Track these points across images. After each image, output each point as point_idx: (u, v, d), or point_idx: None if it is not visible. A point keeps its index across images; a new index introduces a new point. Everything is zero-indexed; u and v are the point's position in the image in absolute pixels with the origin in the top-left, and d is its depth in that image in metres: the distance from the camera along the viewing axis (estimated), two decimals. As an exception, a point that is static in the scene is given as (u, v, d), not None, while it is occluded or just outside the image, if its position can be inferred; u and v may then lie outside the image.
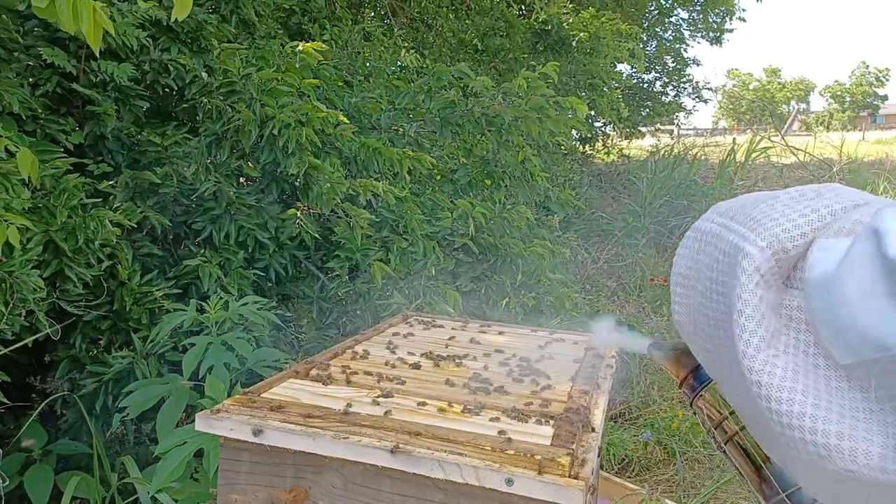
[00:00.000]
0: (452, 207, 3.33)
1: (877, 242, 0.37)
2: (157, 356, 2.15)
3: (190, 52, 2.63)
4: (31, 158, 1.71)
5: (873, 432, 0.37)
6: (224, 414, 0.99)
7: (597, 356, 1.41)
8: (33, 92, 2.20)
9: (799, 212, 0.44)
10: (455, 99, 3.55)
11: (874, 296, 0.37)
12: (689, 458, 3.16)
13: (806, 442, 0.39)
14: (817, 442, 0.38)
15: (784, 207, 0.45)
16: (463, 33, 6.72)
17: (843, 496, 0.41)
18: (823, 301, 0.40)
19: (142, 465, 2.02)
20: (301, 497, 0.96)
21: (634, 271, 5.71)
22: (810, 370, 0.41)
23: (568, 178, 7.35)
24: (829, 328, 0.40)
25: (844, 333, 0.39)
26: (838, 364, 0.39)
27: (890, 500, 0.38)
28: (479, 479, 0.85)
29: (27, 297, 1.79)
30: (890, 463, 0.36)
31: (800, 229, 0.43)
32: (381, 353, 1.39)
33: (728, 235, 0.46)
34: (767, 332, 0.42)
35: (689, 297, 0.51)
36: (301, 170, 2.55)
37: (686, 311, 0.52)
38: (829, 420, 0.38)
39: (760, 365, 0.41)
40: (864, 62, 67.89)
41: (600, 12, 7.76)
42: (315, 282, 2.88)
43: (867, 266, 0.37)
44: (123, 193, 2.36)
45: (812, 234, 0.43)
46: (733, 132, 18.59)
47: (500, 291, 3.33)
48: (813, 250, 0.42)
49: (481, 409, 1.06)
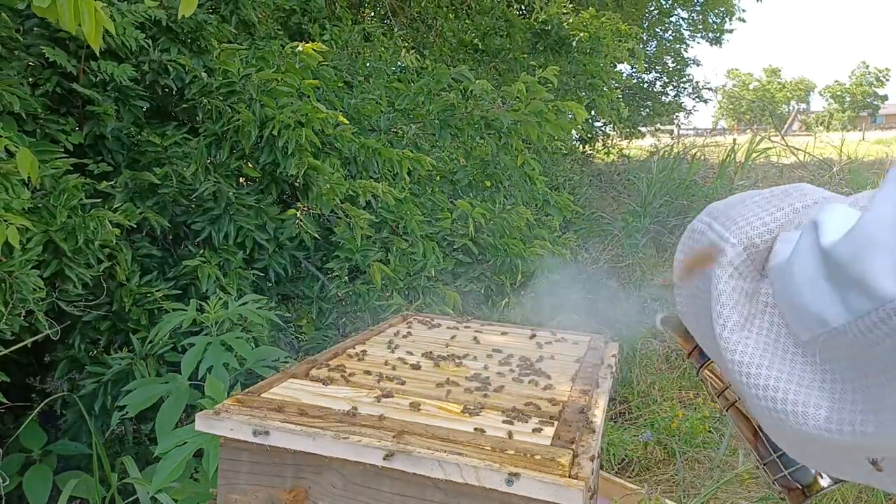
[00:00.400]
0: (452, 208, 3.33)
1: (816, 233, 0.44)
2: (157, 356, 2.15)
3: (190, 53, 2.63)
4: (31, 158, 1.71)
5: (823, 398, 0.44)
6: (224, 414, 0.99)
7: (597, 356, 1.41)
8: (33, 91, 2.20)
9: (767, 210, 0.51)
10: (454, 101, 3.56)
11: (815, 279, 0.43)
12: (689, 458, 3.15)
13: (770, 409, 0.46)
14: (778, 409, 0.45)
15: (756, 207, 0.52)
16: (463, 33, 6.72)
17: (807, 452, 0.49)
18: (781, 286, 0.47)
19: (141, 465, 2.02)
20: (301, 497, 0.96)
21: (634, 271, 5.70)
22: (778, 349, 0.47)
23: (568, 179, 7.35)
24: (787, 309, 0.47)
25: (798, 313, 0.46)
26: (800, 342, 0.46)
27: (838, 453, 0.46)
28: (479, 479, 0.85)
29: (27, 298, 1.79)
30: (834, 424, 0.43)
31: (767, 226, 0.50)
32: (381, 353, 1.39)
33: (710, 234, 0.53)
34: (741, 316, 0.49)
35: (685, 289, 0.58)
36: (301, 170, 2.55)
37: (684, 302, 0.59)
38: (788, 391, 0.45)
39: (734, 345, 0.49)
40: (864, 62, 67.93)
41: (600, 12, 7.76)
42: (315, 282, 2.88)
43: (808, 254, 0.44)
44: (123, 194, 2.36)
45: (777, 230, 0.49)
46: (733, 132, 18.60)
47: (499, 292, 3.33)
48: (776, 243, 0.49)
49: (481, 409, 1.06)
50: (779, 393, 0.45)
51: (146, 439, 2.37)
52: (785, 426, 0.45)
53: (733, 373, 0.48)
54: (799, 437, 0.45)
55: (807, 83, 57.40)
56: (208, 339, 1.77)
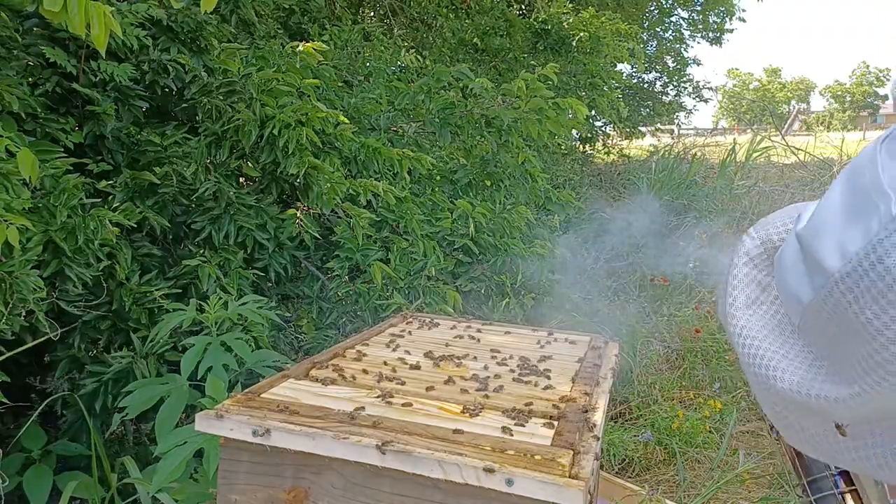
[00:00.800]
0: (452, 208, 3.33)
1: (797, 223, 0.52)
2: (157, 356, 2.15)
3: (190, 52, 2.63)
4: (32, 159, 1.71)
5: (800, 368, 0.52)
6: (224, 414, 0.99)
7: (597, 356, 1.41)
8: (33, 91, 2.20)
9: (790, 214, 0.59)
10: (454, 100, 3.55)
11: (796, 263, 0.51)
12: (690, 458, 3.15)
13: (757, 374, 0.55)
14: (763, 373, 0.55)
15: (783, 212, 0.61)
16: (463, 33, 6.71)
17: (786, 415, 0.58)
18: (777, 274, 0.56)
19: (141, 465, 2.02)
20: (301, 497, 0.96)
21: (634, 271, 5.70)
22: (776, 331, 0.57)
23: (568, 179, 7.34)
24: (782, 296, 0.55)
25: (786, 297, 0.54)
26: (795, 328, 0.54)
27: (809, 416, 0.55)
28: (479, 479, 0.85)
29: (27, 297, 1.79)
30: (804, 388, 0.51)
31: (785, 226, 0.59)
32: (381, 353, 1.39)
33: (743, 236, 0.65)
34: (749, 298, 0.59)
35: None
36: (301, 170, 2.55)
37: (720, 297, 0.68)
38: (772, 359, 0.55)
39: (738, 320, 0.59)
40: (864, 62, 67.89)
41: (600, 12, 7.75)
42: (315, 282, 2.88)
43: (791, 242, 0.52)
44: (123, 193, 2.36)
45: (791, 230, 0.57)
46: (733, 132, 18.59)
47: (500, 292, 3.32)
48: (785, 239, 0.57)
49: (481, 409, 1.06)
50: (765, 360, 0.55)
51: (146, 439, 2.36)
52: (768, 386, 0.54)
53: (734, 339, 0.58)
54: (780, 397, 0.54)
55: (807, 83, 57.37)
56: (208, 340, 1.77)
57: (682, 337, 4.45)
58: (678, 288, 5.38)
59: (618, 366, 1.42)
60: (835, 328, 0.47)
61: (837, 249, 0.44)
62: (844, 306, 0.45)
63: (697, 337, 4.31)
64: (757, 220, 0.65)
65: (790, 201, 7.34)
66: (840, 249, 0.44)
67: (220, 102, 2.58)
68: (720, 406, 3.50)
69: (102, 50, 1.57)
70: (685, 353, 4.26)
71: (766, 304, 0.58)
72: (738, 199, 7.53)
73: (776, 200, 7.23)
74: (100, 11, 1.48)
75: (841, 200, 0.46)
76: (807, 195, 6.95)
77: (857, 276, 0.43)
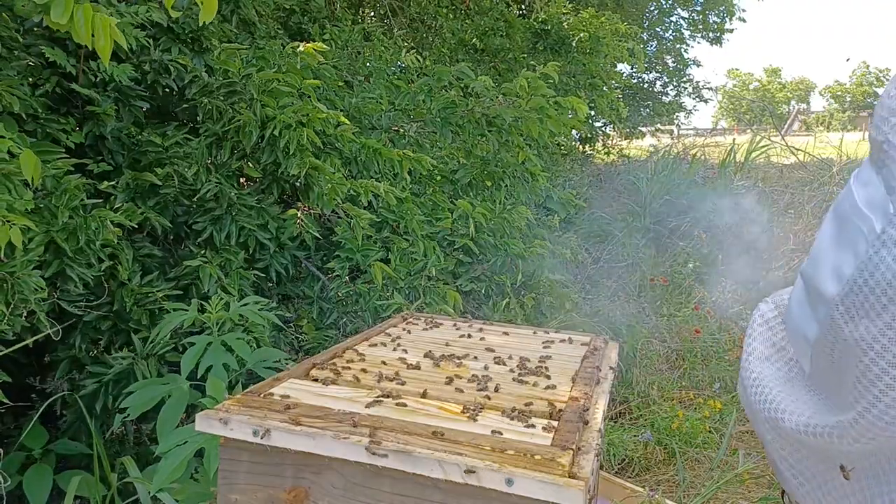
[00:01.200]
0: (453, 208, 3.33)
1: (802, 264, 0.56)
2: (158, 357, 2.15)
3: (190, 53, 2.63)
4: (34, 160, 1.71)
5: (809, 409, 0.56)
6: (224, 414, 0.99)
7: (597, 356, 1.41)
8: (33, 92, 2.20)
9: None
10: (455, 99, 3.55)
11: (801, 301, 0.54)
12: (689, 458, 3.16)
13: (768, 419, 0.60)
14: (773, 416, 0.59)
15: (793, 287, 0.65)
16: (463, 33, 6.71)
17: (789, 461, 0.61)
18: (787, 317, 0.59)
19: (142, 465, 2.02)
20: (301, 497, 0.96)
21: (634, 271, 5.70)
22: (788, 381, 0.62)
23: (568, 179, 7.34)
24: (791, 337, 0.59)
25: (796, 342, 0.58)
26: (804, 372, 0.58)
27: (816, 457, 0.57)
28: (479, 479, 0.85)
29: (28, 298, 1.79)
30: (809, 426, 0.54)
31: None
32: (382, 353, 1.39)
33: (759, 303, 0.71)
34: (763, 354, 0.65)
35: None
36: (302, 170, 2.55)
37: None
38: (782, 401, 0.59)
39: (753, 370, 0.65)
40: (864, 62, 67.92)
41: (600, 12, 7.75)
42: (315, 282, 2.88)
43: (798, 283, 0.56)
44: (124, 194, 2.36)
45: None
46: (733, 132, 18.57)
47: (500, 292, 3.33)
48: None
49: (481, 409, 1.06)
50: (774, 403, 0.59)
51: (146, 439, 2.37)
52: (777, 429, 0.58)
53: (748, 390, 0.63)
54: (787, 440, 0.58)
55: (807, 83, 57.34)
56: (209, 339, 1.77)
57: (681, 337, 4.46)
58: (678, 288, 5.39)
59: (618, 366, 1.42)
60: (838, 355, 0.49)
61: (833, 275, 0.47)
62: (842, 328, 0.47)
63: (697, 337, 4.32)
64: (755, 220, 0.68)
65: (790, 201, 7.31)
66: (836, 274, 0.47)
67: (221, 103, 2.58)
68: (720, 406, 3.51)
69: (106, 61, 1.58)
70: (685, 353, 4.26)
71: (780, 361, 0.63)
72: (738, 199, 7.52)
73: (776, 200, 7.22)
74: (105, 24, 1.49)
75: (830, 232, 0.50)
76: (806, 195, 6.94)
77: (853, 296, 0.46)
